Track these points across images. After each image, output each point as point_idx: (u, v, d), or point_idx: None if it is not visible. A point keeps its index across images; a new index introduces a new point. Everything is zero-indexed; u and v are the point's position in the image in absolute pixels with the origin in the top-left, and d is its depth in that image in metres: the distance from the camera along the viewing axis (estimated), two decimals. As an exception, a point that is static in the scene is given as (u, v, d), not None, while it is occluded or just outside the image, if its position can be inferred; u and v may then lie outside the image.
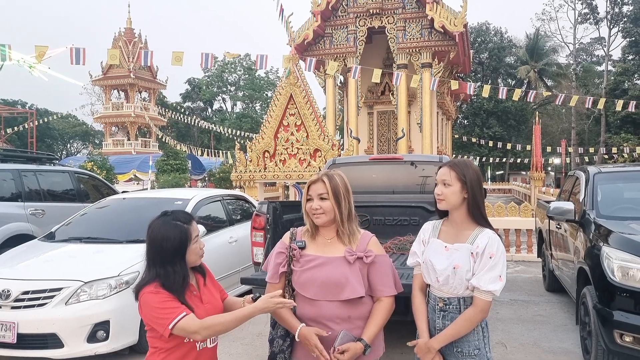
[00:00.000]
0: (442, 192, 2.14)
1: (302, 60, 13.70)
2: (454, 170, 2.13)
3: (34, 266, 4.64)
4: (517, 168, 42.75)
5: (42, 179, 7.31)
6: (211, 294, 2.15)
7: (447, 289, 2.11)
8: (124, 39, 34.74)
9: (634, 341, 3.43)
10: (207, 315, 2.01)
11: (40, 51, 9.72)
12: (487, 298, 2.05)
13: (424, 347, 2.11)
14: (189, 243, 2.02)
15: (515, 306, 6.06)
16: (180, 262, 2.00)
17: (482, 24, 46.26)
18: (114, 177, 20.43)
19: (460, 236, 2.14)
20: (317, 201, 2.10)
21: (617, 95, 30.70)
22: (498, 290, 2.04)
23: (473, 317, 2.06)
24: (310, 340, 2.00)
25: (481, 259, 2.05)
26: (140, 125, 36.54)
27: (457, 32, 14.41)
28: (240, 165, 10.66)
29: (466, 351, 2.10)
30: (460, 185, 2.12)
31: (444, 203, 2.15)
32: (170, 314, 1.90)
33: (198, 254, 2.08)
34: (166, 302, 1.92)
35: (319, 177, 2.14)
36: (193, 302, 2.01)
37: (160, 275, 1.96)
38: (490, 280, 2.02)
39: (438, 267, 2.12)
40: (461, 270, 2.06)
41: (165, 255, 1.98)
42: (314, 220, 2.14)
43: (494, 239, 2.08)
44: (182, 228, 2.01)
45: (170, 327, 1.89)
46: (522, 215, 9.40)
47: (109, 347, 4.11)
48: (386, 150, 17.79)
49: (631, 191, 5.15)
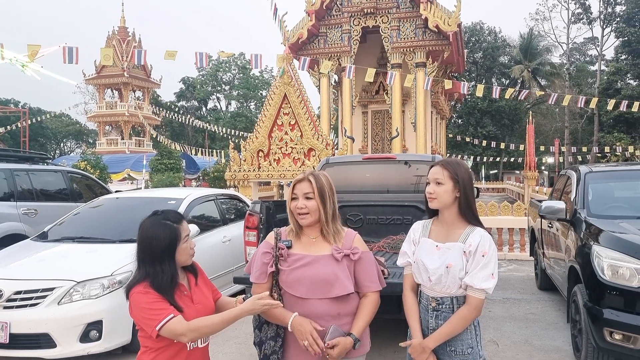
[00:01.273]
0: (434, 190, 2.15)
1: (296, 60, 13.73)
2: (446, 169, 2.14)
3: (26, 266, 4.62)
4: (510, 167, 42.94)
5: (34, 179, 7.28)
6: (203, 294, 2.15)
7: (440, 289, 2.12)
8: (117, 38, 34.60)
9: (624, 339, 3.46)
10: (197, 315, 2.01)
11: (33, 50, 9.68)
12: (480, 296, 2.07)
13: (419, 347, 2.11)
14: (178, 242, 2.01)
15: (508, 304, 6.10)
16: (170, 261, 2.00)
17: (476, 23, 46.39)
18: (108, 177, 20.34)
19: (451, 235, 2.15)
20: (303, 200, 2.11)
21: (610, 94, 30.86)
22: (491, 288, 2.06)
23: (467, 315, 2.08)
24: (306, 327, 2.00)
25: (474, 258, 2.06)
26: (134, 124, 36.42)
27: (451, 32, 14.46)
28: (235, 164, 10.65)
29: (460, 350, 2.11)
30: (452, 184, 2.13)
31: (436, 202, 2.16)
32: (158, 315, 1.91)
33: (188, 253, 2.07)
34: (154, 302, 1.93)
35: (305, 176, 2.15)
36: (183, 302, 2.01)
37: (149, 275, 1.97)
38: (483, 279, 2.04)
39: (430, 266, 2.12)
40: (454, 269, 2.07)
41: (154, 254, 1.98)
42: (299, 222, 2.15)
43: (486, 237, 2.10)
44: (172, 227, 2.01)
45: (158, 328, 1.90)
46: (515, 214, 9.45)
47: (101, 346, 4.11)
48: (380, 150, 17.83)
49: (622, 190, 5.20)
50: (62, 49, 10.02)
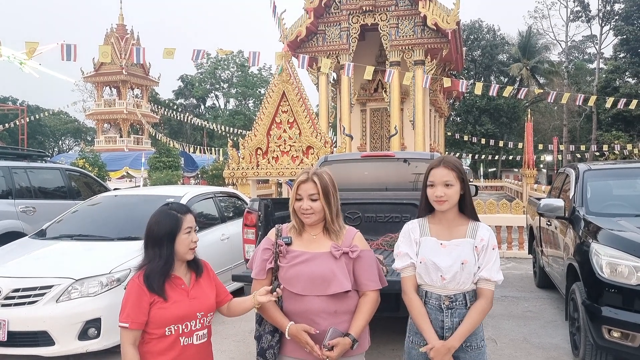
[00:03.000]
0: (445, 193, 2.12)
1: (294, 58, 13.70)
2: (453, 171, 2.14)
3: (24, 264, 4.60)
4: (509, 165, 42.97)
5: (32, 176, 7.26)
6: (203, 291, 2.15)
7: (454, 286, 2.11)
8: (115, 36, 34.53)
9: (622, 336, 3.47)
10: (190, 309, 2.06)
11: (31, 47, 9.65)
12: (493, 288, 2.13)
13: (443, 349, 2.04)
14: (178, 231, 2.06)
15: (506, 302, 6.11)
16: (167, 248, 2.05)
17: (474, 21, 46.35)
18: (106, 175, 20.28)
19: (454, 232, 2.16)
20: (308, 201, 2.11)
21: (609, 93, 30.86)
22: (501, 280, 2.13)
23: (486, 308, 2.12)
24: (301, 338, 2.03)
25: (486, 252, 2.11)
26: (132, 122, 36.36)
27: (450, 30, 14.45)
28: (233, 162, 10.64)
29: (474, 344, 2.14)
30: (460, 184, 2.14)
31: (447, 204, 2.13)
32: (123, 313, 2.00)
33: (188, 246, 2.09)
34: (131, 299, 2.00)
35: (309, 176, 2.14)
36: (174, 294, 2.05)
37: (148, 258, 2.05)
38: (497, 271, 2.12)
39: (442, 264, 2.10)
40: (469, 265, 2.09)
41: (154, 238, 2.06)
42: (303, 220, 2.15)
43: (491, 231, 2.18)
44: (175, 216, 2.08)
45: (119, 324, 2.00)
46: (513, 212, 9.46)
47: (100, 344, 4.10)
48: (379, 148, 17.82)
49: (620, 188, 5.20)
50: (60, 46, 10.00)
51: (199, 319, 2.10)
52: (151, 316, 2.00)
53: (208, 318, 2.15)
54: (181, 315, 2.04)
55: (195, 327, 2.09)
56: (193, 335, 2.09)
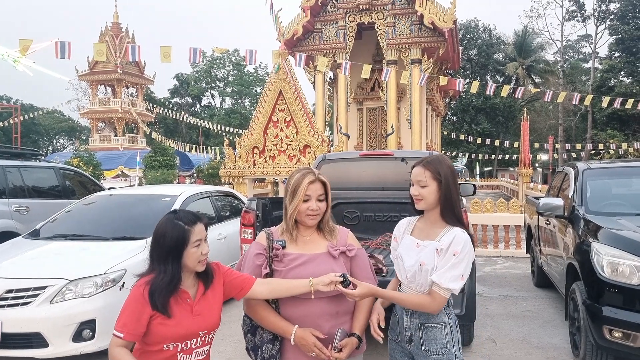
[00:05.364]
0: (419, 192, 2.11)
1: (291, 56, 13.65)
2: (428, 170, 2.09)
3: (18, 264, 4.53)
4: (505, 164, 43.10)
5: (26, 175, 7.18)
6: (208, 306, 1.99)
7: (415, 286, 2.08)
8: (110, 34, 34.35)
9: (623, 336, 3.45)
10: (192, 328, 1.92)
11: (25, 45, 9.55)
12: (445, 295, 2.00)
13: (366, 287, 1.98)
14: (186, 246, 1.89)
15: (505, 302, 6.08)
16: (174, 263, 1.88)
17: (471, 20, 46.39)
18: (101, 174, 20.18)
19: (431, 234, 2.12)
20: (316, 202, 2.07)
21: (604, 92, 30.95)
22: (457, 289, 1.99)
23: (425, 304, 2.01)
24: (309, 340, 1.96)
25: (444, 256, 1.99)
26: (127, 121, 36.20)
27: (447, 29, 14.41)
28: (229, 161, 10.58)
29: (434, 350, 2.05)
30: (436, 185, 2.08)
31: (422, 203, 2.11)
32: (120, 321, 1.85)
33: (197, 259, 1.92)
34: (131, 309, 1.85)
35: (317, 177, 2.09)
36: (178, 310, 1.90)
37: (154, 271, 1.90)
38: (451, 279, 1.96)
39: (407, 263, 2.09)
40: (426, 267, 2.02)
41: (160, 252, 1.89)
42: (307, 221, 2.09)
43: (461, 237, 2.01)
44: (182, 229, 1.89)
45: (113, 332, 1.85)
46: (510, 211, 9.44)
47: (95, 346, 4.04)
48: (376, 147, 17.78)
49: (620, 187, 5.19)
50: (54, 44, 9.90)
51: (200, 337, 1.97)
52: (150, 329, 1.87)
53: (210, 336, 2.02)
54: (182, 334, 1.91)
55: (196, 345, 1.97)
56: (192, 352, 1.96)
